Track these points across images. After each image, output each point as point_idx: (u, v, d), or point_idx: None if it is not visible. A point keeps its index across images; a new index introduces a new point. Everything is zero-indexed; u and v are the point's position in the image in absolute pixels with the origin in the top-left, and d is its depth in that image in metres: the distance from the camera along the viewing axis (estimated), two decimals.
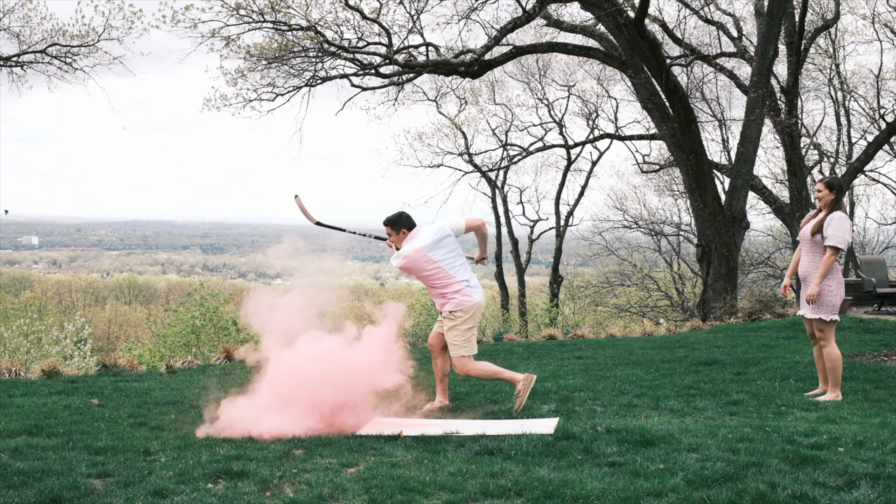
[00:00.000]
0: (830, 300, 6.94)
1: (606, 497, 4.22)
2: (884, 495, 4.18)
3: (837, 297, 6.96)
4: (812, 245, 7.03)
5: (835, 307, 6.98)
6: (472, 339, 6.66)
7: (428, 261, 6.54)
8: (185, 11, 14.45)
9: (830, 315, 6.97)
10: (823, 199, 7.01)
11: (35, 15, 16.19)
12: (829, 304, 6.95)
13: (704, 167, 16.62)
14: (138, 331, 43.70)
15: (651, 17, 17.42)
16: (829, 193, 7.00)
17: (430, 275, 6.57)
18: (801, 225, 7.30)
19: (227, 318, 21.24)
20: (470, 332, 6.63)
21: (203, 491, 4.42)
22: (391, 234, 6.73)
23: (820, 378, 7.27)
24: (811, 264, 7.03)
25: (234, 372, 9.18)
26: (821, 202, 7.04)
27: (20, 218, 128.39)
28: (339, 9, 14.90)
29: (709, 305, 16.26)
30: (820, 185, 7.10)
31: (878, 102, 23.04)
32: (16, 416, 6.42)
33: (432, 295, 6.77)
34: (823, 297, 6.95)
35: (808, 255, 7.08)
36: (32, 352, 20.81)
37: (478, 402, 6.99)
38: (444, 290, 6.59)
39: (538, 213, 30.13)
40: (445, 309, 6.63)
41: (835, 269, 6.99)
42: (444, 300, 6.64)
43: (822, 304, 6.96)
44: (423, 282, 6.70)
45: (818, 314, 6.98)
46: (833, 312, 6.98)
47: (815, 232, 6.97)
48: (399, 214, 6.73)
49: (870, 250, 28.17)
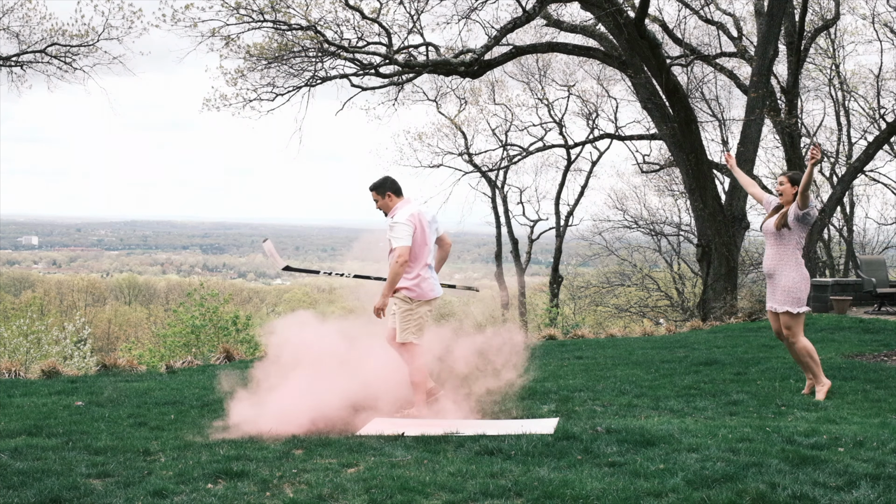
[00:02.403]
0: (796, 293, 6.97)
1: (606, 497, 4.22)
2: (884, 495, 4.17)
3: (803, 290, 6.99)
4: (777, 238, 7.06)
5: (801, 300, 7.00)
6: (422, 328, 6.47)
7: (422, 231, 6.44)
8: (185, 11, 14.47)
9: (797, 308, 6.99)
10: (786, 193, 7.06)
11: (35, 15, 16.22)
12: (795, 296, 6.98)
13: (704, 167, 16.63)
14: (138, 331, 43.73)
15: (651, 17, 17.42)
16: (791, 188, 7.05)
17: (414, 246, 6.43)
18: (764, 219, 7.30)
19: (226, 318, 21.25)
20: (422, 320, 6.45)
21: (203, 491, 4.42)
22: (377, 200, 6.61)
23: (806, 374, 7.31)
24: (776, 257, 7.06)
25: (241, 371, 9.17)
26: (783, 197, 7.09)
27: (20, 218, 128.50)
28: (339, 9, 14.91)
29: (709, 305, 16.27)
30: (782, 179, 7.15)
31: (878, 102, 23.05)
32: (16, 416, 6.42)
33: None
34: (789, 290, 6.98)
35: (773, 249, 7.10)
36: (32, 352, 20.82)
37: (478, 402, 6.98)
38: (411, 270, 6.43)
39: (538, 213, 30.17)
40: (401, 293, 6.43)
41: (799, 262, 7.03)
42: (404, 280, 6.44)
43: (789, 297, 6.99)
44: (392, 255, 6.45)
45: (785, 306, 7.00)
46: (800, 305, 7.00)
47: (781, 226, 7.00)
48: (384, 178, 6.61)
49: (870, 250, 28.18)
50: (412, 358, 6.46)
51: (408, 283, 6.44)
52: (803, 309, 7.04)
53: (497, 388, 6.75)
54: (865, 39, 23.05)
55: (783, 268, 7.03)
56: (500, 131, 27.50)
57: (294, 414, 5.98)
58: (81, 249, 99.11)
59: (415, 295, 6.42)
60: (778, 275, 7.04)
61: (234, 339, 20.12)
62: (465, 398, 6.62)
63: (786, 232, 7.00)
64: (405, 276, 6.44)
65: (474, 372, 6.78)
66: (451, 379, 6.74)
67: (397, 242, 6.32)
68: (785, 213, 7.00)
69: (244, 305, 45.95)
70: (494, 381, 6.77)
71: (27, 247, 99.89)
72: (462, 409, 6.48)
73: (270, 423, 5.89)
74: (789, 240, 7.02)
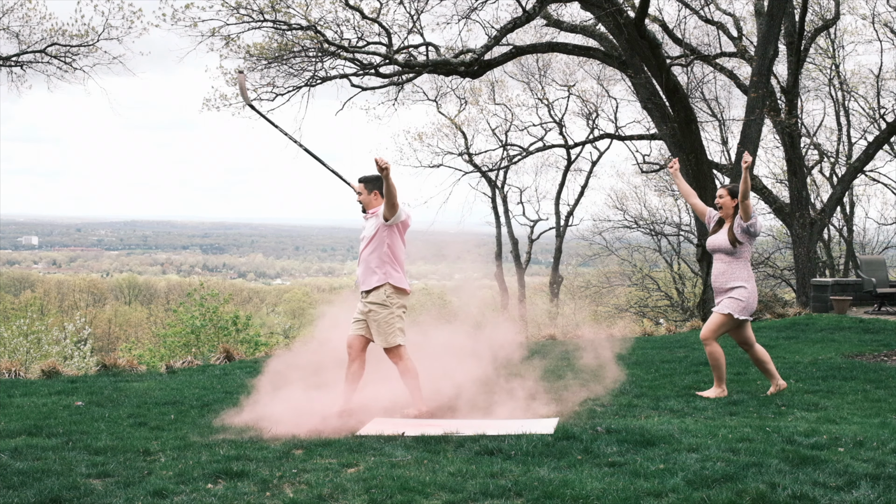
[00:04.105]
0: (746, 302, 6.91)
1: (606, 497, 4.22)
2: (884, 495, 4.17)
3: (753, 302, 6.95)
4: (728, 254, 6.96)
5: (746, 309, 6.94)
6: (402, 323, 6.48)
7: (408, 228, 6.57)
8: (185, 10, 14.45)
9: (741, 314, 6.95)
10: (725, 206, 6.99)
11: (34, 14, 16.20)
12: (744, 305, 6.92)
13: (704, 167, 16.62)
14: (138, 331, 43.71)
15: (651, 17, 17.42)
16: (731, 200, 6.99)
17: (397, 244, 6.47)
18: (710, 234, 7.22)
19: (226, 318, 21.26)
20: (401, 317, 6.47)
21: (203, 491, 4.42)
22: (362, 193, 6.61)
23: (767, 376, 7.26)
24: (728, 273, 6.97)
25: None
26: (723, 210, 7.02)
27: (20, 218, 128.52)
28: (339, 8, 14.91)
29: (709, 305, 16.26)
30: (722, 192, 7.07)
31: (878, 102, 23.05)
32: (16, 416, 6.42)
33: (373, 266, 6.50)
34: (739, 299, 6.91)
35: (725, 265, 7.01)
36: (32, 352, 20.83)
37: (479, 403, 6.98)
38: (391, 264, 6.45)
39: (538, 213, 30.17)
40: (380, 290, 6.41)
41: (750, 276, 6.99)
42: (380, 274, 6.43)
43: (736, 303, 6.93)
44: (379, 249, 6.44)
45: (728, 310, 6.92)
46: (744, 313, 6.96)
47: (734, 241, 6.93)
48: (378, 176, 6.55)
49: (870, 250, 28.18)
50: (400, 359, 6.46)
51: (397, 276, 6.48)
52: (743, 317, 6.98)
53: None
54: (865, 39, 23.04)
55: (735, 283, 6.95)
56: (500, 131, 27.52)
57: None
58: (81, 249, 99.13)
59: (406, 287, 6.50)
60: (732, 290, 6.97)
61: (234, 339, 20.14)
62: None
63: (738, 247, 6.92)
64: (395, 270, 6.45)
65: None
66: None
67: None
68: (732, 230, 6.92)
69: (244, 305, 45.96)
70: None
71: (27, 247, 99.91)
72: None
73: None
74: (740, 254, 6.95)
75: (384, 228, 6.46)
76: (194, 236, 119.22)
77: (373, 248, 6.48)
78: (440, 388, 6.76)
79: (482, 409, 6.56)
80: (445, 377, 6.89)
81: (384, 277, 6.44)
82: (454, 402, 6.69)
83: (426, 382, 6.58)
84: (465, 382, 6.90)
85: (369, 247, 6.49)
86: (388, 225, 6.45)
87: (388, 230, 6.47)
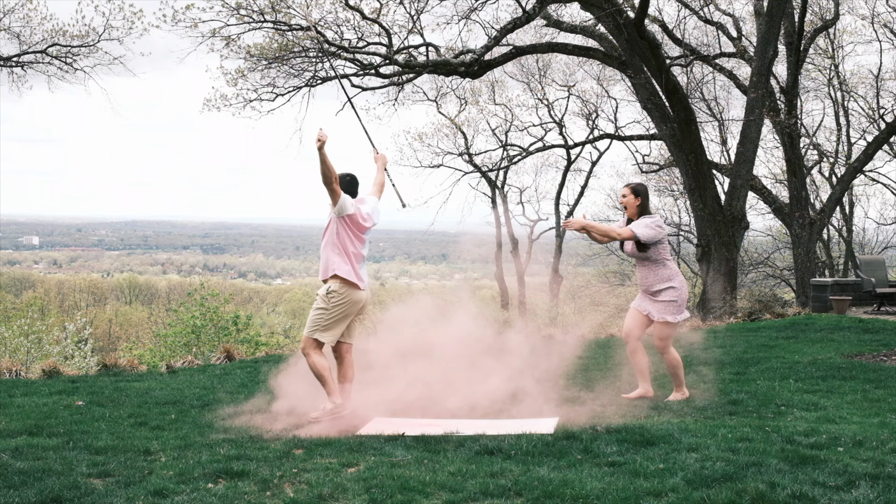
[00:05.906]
0: (678, 303, 6.86)
1: (606, 497, 4.23)
2: (883, 495, 4.18)
3: (684, 298, 6.89)
4: (644, 258, 6.89)
5: (681, 308, 6.90)
6: (337, 326, 6.23)
7: (364, 230, 6.40)
8: (186, 11, 14.48)
9: (677, 316, 6.90)
10: (629, 206, 6.92)
11: (35, 15, 16.22)
12: (676, 306, 6.87)
13: (704, 167, 16.64)
14: (139, 331, 43.70)
15: (651, 18, 17.44)
16: (634, 199, 6.93)
17: (345, 239, 6.27)
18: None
19: (227, 317, 21.26)
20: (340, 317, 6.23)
21: (203, 491, 4.42)
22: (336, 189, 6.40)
23: (638, 378, 7.19)
24: (652, 276, 6.90)
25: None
26: (628, 210, 6.95)
27: (20, 218, 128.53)
28: (340, 9, 14.93)
29: (709, 305, 16.27)
30: (625, 191, 7.00)
31: (878, 102, 23.05)
32: (16, 416, 6.43)
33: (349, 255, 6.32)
34: (670, 302, 6.85)
35: (646, 269, 6.95)
36: (33, 352, 20.83)
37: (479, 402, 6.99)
38: (340, 256, 6.26)
39: (538, 213, 30.18)
40: (329, 282, 6.25)
41: (675, 272, 6.90)
42: (329, 266, 6.26)
43: (669, 307, 6.87)
44: (330, 239, 6.29)
45: (665, 316, 6.87)
46: (679, 313, 6.91)
47: (639, 247, 6.85)
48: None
49: (869, 250, 28.17)
50: (310, 355, 6.17)
51: (345, 268, 6.23)
52: (683, 317, 6.94)
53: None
54: (865, 39, 23.03)
55: (661, 284, 6.88)
56: (500, 131, 27.53)
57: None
58: (82, 249, 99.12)
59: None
60: (660, 293, 6.90)
61: (235, 338, 20.13)
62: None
63: (648, 250, 6.82)
64: (344, 263, 6.21)
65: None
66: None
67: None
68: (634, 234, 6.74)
69: (244, 305, 45.99)
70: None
71: (28, 247, 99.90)
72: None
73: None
74: (656, 254, 6.85)
75: (335, 219, 6.29)
76: (195, 236, 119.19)
77: (327, 238, 6.33)
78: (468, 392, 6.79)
79: (485, 410, 6.57)
80: (451, 382, 6.90)
81: (333, 269, 6.25)
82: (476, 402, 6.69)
83: (453, 387, 6.65)
84: (479, 388, 6.92)
85: (325, 237, 6.35)
86: (336, 216, 6.27)
87: (338, 222, 6.27)
